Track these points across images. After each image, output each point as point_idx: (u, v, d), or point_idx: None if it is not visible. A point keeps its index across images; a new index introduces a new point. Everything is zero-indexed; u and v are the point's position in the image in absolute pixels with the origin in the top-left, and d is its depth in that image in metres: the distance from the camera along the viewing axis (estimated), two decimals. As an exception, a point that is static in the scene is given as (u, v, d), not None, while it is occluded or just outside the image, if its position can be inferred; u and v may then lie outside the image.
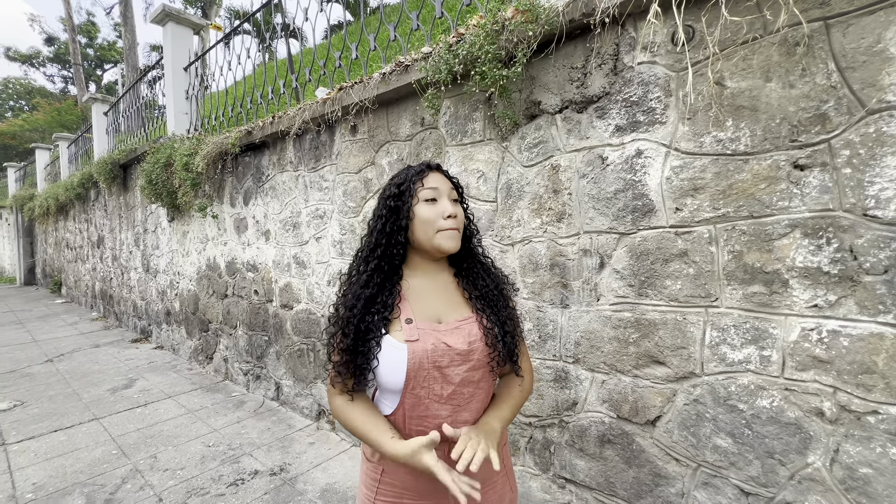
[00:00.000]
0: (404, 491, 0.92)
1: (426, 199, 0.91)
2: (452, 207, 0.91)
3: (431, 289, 0.95)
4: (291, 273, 3.01)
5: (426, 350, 0.85)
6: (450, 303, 0.95)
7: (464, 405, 0.88)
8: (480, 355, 0.89)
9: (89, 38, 24.83)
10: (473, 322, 0.92)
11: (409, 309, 0.90)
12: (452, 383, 0.87)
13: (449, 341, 0.87)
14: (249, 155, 3.30)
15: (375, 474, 0.94)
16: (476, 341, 0.89)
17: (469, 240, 1.01)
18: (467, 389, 0.88)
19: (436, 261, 0.97)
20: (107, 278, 6.62)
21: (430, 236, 0.91)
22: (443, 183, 0.94)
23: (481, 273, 0.99)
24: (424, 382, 0.86)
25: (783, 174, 1.19)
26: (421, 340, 0.86)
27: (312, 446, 2.63)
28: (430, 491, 0.90)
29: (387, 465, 0.92)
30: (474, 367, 0.89)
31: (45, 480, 2.30)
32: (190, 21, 4.47)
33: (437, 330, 0.89)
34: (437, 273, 0.98)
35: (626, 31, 1.45)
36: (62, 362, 4.44)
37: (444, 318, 0.92)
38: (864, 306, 1.10)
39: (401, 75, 2.07)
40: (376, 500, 0.93)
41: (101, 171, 5.53)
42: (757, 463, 1.29)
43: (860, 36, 1.07)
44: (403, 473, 0.90)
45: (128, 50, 14.00)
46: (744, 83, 1.24)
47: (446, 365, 0.86)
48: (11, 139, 19.92)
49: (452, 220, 0.90)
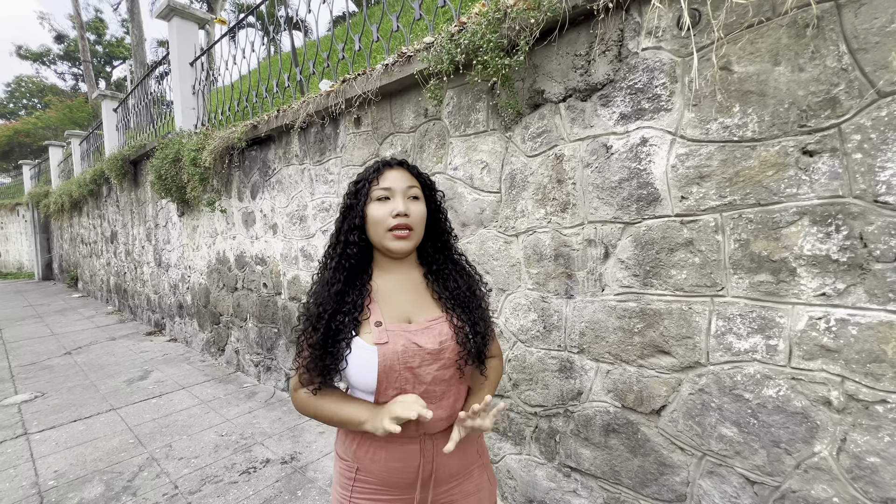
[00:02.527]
0: (379, 487, 0.91)
1: (378, 198, 0.90)
2: (404, 206, 0.89)
3: (400, 289, 0.94)
4: (299, 266, 3.04)
5: (396, 352, 0.85)
6: (419, 303, 0.94)
7: (436, 403, 0.89)
8: (451, 354, 0.89)
9: (98, 35, 25.03)
10: (444, 321, 0.92)
11: (378, 310, 0.90)
12: (424, 382, 0.87)
13: (420, 341, 0.87)
14: (256, 149, 3.32)
15: (350, 472, 0.93)
16: (447, 340, 0.89)
17: (439, 237, 0.99)
18: (439, 388, 0.89)
19: (402, 260, 0.96)
20: (121, 273, 6.75)
21: (380, 237, 0.90)
22: (401, 181, 0.91)
23: (453, 273, 0.98)
24: (396, 383, 0.86)
25: (791, 160, 1.17)
26: (391, 343, 0.86)
27: (322, 436, 2.68)
28: (405, 485, 0.91)
29: (361, 464, 0.92)
30: (445, 366, 0.89)
31: (65, 468, 2.39)
32: (195, 15, 4.48)
33: (408, 331, 0.88)
34: (406, 272, 0.97)
35: (630, 17, 1.42)
36: (80, 355, 4.56)
37: (414, 318, 0.91)
38: (873, 294, 1.08)
39: (403, 66, 2.06)
40: (352, 498, 0.92)
41: (112, 167, 5.62)
42: (763, 452, 1.28)
43: (873, 16, 1.03)
44: (378, 470, 0.90)
45: (135, 46, 14.09)
46: (751, 67, 1.21)
47: (417, 365, 0.86)
48: (26, 137, 20.29)
49: (402, 218, 0.88)
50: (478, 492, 0.98)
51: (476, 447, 1.00)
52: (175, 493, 2.14)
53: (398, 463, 0.89)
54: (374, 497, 0.92)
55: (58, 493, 2.16)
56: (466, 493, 0.96)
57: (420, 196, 0.94)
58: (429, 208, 0.97)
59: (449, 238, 1.01)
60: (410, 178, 0.93)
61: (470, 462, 0.98)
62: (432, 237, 0.99)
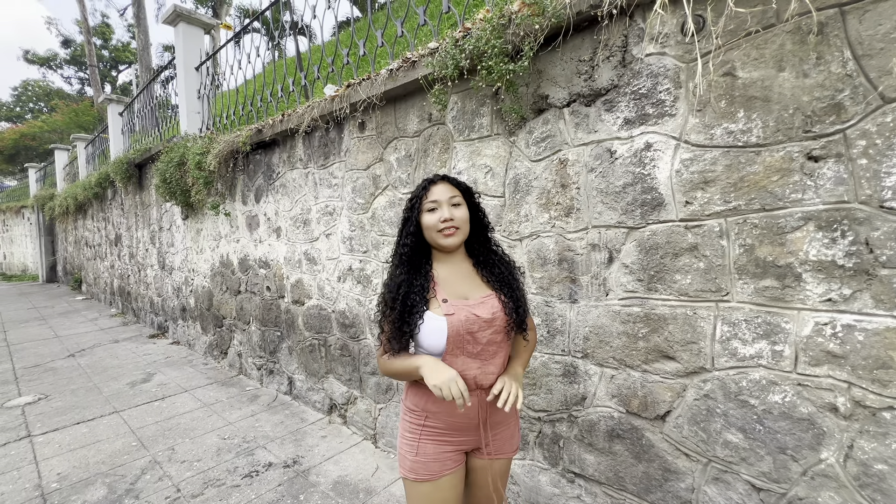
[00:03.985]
0: (444, 430, 1.18)
1: (429, 210, 1.18)
2: (449, 212, 1.16)
3: (457, 275, 1.22)
4: (302, 269, 3.05)
5: (461, 320, 1.12)
6: (472, 285, 1.22)
7: (489, 360, 1.16)
8: (500, 322, 1.16)
9: (104, 40, 25.27)
10: (494, 297, 1.18)
11: (442, 291, 1.17)
12: (481, 343, 1.14)
13: (477, 312, 1.14)
14: (260, 153, 3.34)
15: (420, 420, 1.20)
16: (498, 311, 1.16)
17: (484, 232, 1.27)
18: (491, 348, 1.16)
19: (454, 254, 1.24)
20: (124, 275, 6.78)
21: (433, 237, 1.19)
22: (444, 192, 1.18)
23: (496, 262, 1.25)
24: (460, 344, 1.13)
25: (796, 166, 1.17)
26: (457, 314, 1.12)
27: (324, 440, 2.68)
28: (466, 428, 1.18)
29: (430, 413, 1.18)
30: (496, 331, 1.16)
31: (68, 471, 2.39)
32: (201, 21, 4.52)
33: (468, 305, 1.15)
34: (459, 263, 1.25)
35: (634, 23, 1.43)
36: (83, 357, 4.57)
37: (470, 295, 1.18)
38: (879, 300, 1.07)
39: (408, 71, 2.07)
40: (421, 440, 1.19)
41: (117, 170, 5.66)
42: (769, 458, 1.27)
43: (877, 22, 1.04)
44: (445, 416, 1.17)
45: (141, 51, 14.22)
46: (756, 73, 1.21)
47: (476, 330, 1.13)
48: (32, 140, 20.44)
49: (448, 222, 1.16)
50: (512, 438, 1.29)
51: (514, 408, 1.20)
52: (178, 497, 2.13)
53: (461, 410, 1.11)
54: (438, 439, 1.19)
55: (61, 495, 2.16)
56: (506, 438, 1.27)
57: (462, 202, 1.20)
58: (471, 210, 1.23)
59: (489, 232, 1.28)
60: (452, 189, 1.20)
61: (510, 415, 1.28)
62: (476, 233, 1.26)
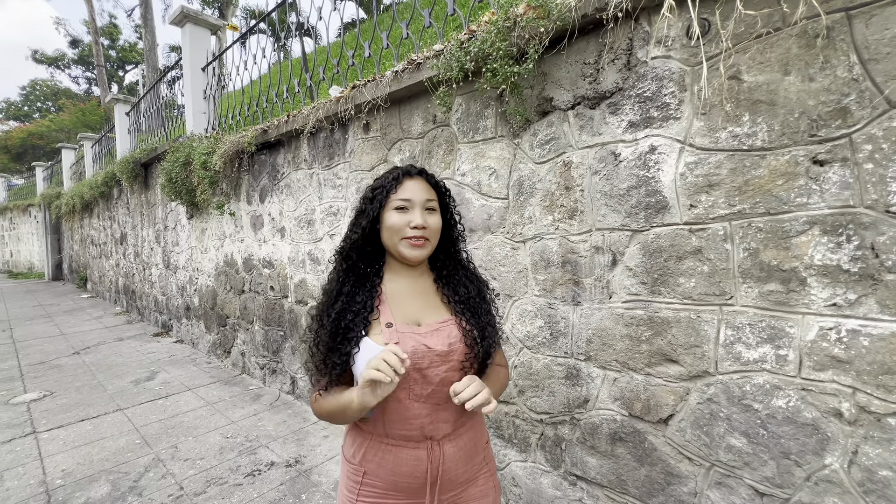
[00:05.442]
0: (386, 491, 0.92)
1: (396, 208, 0.92)
2: (422, 218, 0.91)
3: (411, 293, 0.96)
4: (306, 269, 3.06)
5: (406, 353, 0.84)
6: (428, 306, 0.96)
7: (442, 404, 0.90)
8: (459, 356, 0.91)
9: (111, 40, 25.49)
10: (453, 324, 0.94)
11: (388, 312, 0.92)
12: (432, 383, 0.89)
13: (429, 343, 0.89)
14: (265, 153, 3.36)
15: (357, 476, 0.94)
16: (456, 342, 0.91)
17: (453, 244, 1.03)
18: (446, 389, 0.88)
19: (414, 266, 0.98)
20: (129, 274, 6.82)
21: (395, 243, 0.93)
22: (421, 191, 0.93)
23: (463, 278, 1.00)
24: (405, 384, 0.87)
25: (802, 170, 1.17)
26: (401, 344, 0.87)
27: (326, 440, 2.69)
28: (411, 490, 0.91)
29: (368, 468, 0.92)
30: (453, 368, 0.90)
31: (73, 467, 2.40)
32: (207, 22, 4.56)
33: (418, 332, 0.90)
34: (417, 277, 0.99)
35: (639, 26, 1.43)
36: (88, 355, 4.61)
37: (424, 320, 0.94)
38: (885, 305, 1.07)
39: (413, 73, 2.08)
40: (358, 500, 0.93)
41: (123, 169, 5.70)
42: (772, 463, 1.27)
43: (884, 26, 1.04)
44: (385, 475, 0.91)
45: (148, 51, 14.33)
46: (761, 77, 1.21)
47: (426, 366, 0.88)
48: (39, 139, 20.63)
49: (419, 230, 0.91)
50: (482, 497, 0.99)
51: (483, 455, 1.01)
52: (181, 495, 2.15)
53: (405, 468, 0.90)
54: (380, 501, 0.92)
55: (65, 491, 2.18)
56: (472, 499, 0.97)
57: (437, 208, 0.96)
58: (443, 216, 0.99)
59: (459, 245, 1.04)
60: (429, 190, 0.95)
61: (476, 469, 0.99)
62: (443, 243, 1.01)
